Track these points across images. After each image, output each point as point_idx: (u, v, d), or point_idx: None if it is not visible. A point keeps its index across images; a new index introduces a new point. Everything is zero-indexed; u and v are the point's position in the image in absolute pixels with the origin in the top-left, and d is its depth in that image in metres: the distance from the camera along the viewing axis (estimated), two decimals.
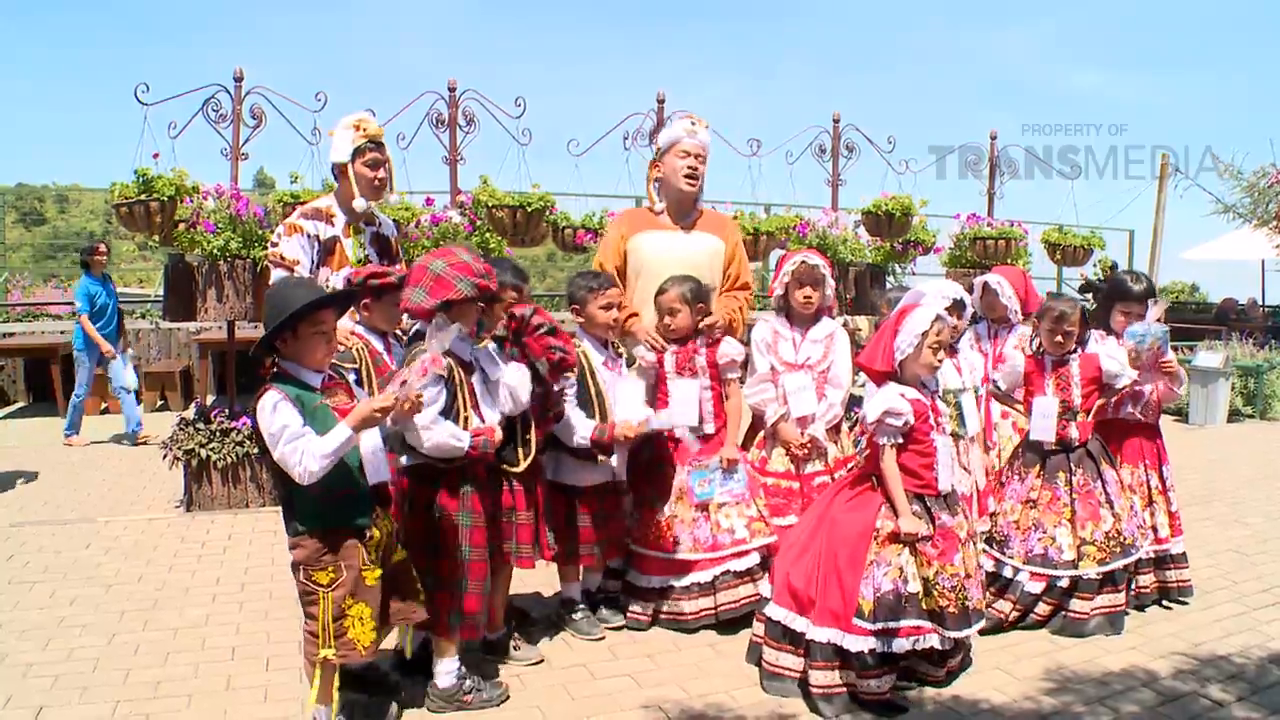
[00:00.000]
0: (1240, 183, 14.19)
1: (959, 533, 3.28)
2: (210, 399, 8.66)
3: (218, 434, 5.65)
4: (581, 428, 3.54)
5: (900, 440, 3.25)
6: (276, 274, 3.89)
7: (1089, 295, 12.49)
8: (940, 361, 3.34)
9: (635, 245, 4.15)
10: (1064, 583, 3.76)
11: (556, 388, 3.44)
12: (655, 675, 3.43)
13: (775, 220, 6.90)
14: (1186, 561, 4.20)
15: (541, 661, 3.54)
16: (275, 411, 2.67)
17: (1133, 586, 4.02)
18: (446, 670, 3.14)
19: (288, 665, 3.45)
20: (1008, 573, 3.85)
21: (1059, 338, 3.87)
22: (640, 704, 3.20)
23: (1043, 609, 3.81)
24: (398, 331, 3.63)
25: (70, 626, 3.83)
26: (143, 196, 5.37)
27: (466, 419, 3.07)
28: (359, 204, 4.05)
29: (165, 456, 5.63)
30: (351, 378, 3.13)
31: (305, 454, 2.63)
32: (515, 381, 3.21)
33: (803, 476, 3.94)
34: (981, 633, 3.72)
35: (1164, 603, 4.15)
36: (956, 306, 3.94)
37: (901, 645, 3.14)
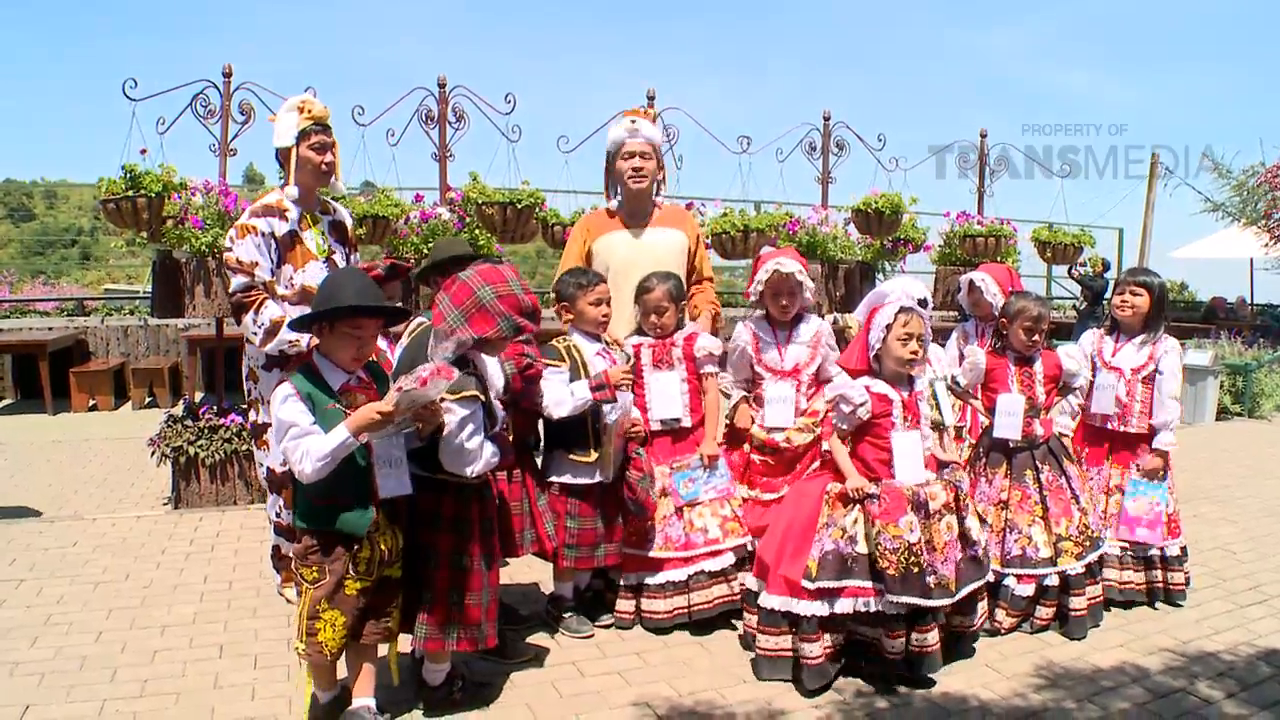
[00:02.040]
0: (1229, 181, 14.27)
1: (932, 503, 3.28)
2: (199, 396, 8.64)
3: (206, 431, 5.63)
4: (577, 388, 3.51)
5: (845, 426, 3.39)
6: (236, 280, 3.66)
7: (1082, 291, 12.54)
8: (913, 354, 3.37)
9: (599, 248, 4.15)
10: (1053, 581, 3.76)
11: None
12: (644, 673, 3.43)
13: (765, 217, 6.87)
14: (1181, 565, 4.14)
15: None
16: (284, 404, 2.69)
17: (1111, 582, 4.04)
18: (437, 669, 3.12)
19: (275, 663, 3.44)
20: (989, 577, 3.85)
21: (1035, 337, 3.88)
22: (629, 701, 3.20)
23: (1045, 613, 3.80)
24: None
25: (57, 624, 3.81)
26: (130, 192, 5.33)
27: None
28: (291, 191, 3.77)
29: (153, 453, 5.61)
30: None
31: (304, 455, 2.62)
32: (491, 370, 3.19)
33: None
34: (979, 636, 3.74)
35: (1155, 605, 4.13)
36: (919, 304, 3.97)
37: (844, 606, 3.23)
